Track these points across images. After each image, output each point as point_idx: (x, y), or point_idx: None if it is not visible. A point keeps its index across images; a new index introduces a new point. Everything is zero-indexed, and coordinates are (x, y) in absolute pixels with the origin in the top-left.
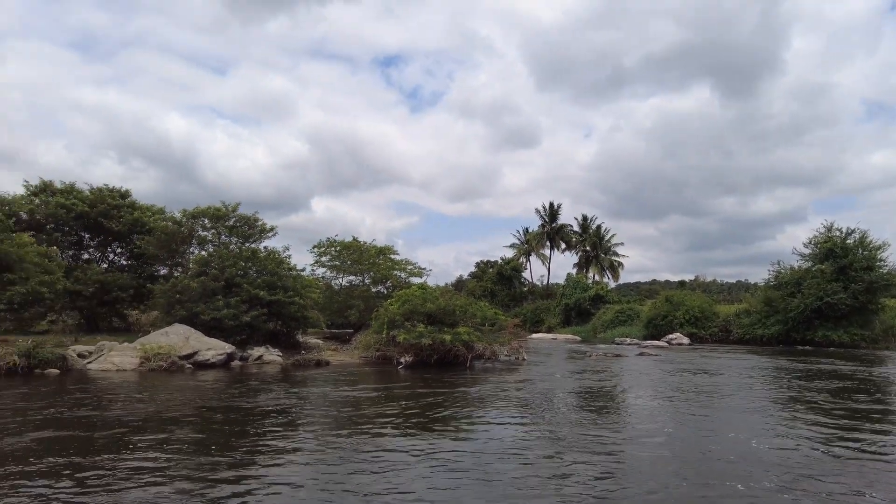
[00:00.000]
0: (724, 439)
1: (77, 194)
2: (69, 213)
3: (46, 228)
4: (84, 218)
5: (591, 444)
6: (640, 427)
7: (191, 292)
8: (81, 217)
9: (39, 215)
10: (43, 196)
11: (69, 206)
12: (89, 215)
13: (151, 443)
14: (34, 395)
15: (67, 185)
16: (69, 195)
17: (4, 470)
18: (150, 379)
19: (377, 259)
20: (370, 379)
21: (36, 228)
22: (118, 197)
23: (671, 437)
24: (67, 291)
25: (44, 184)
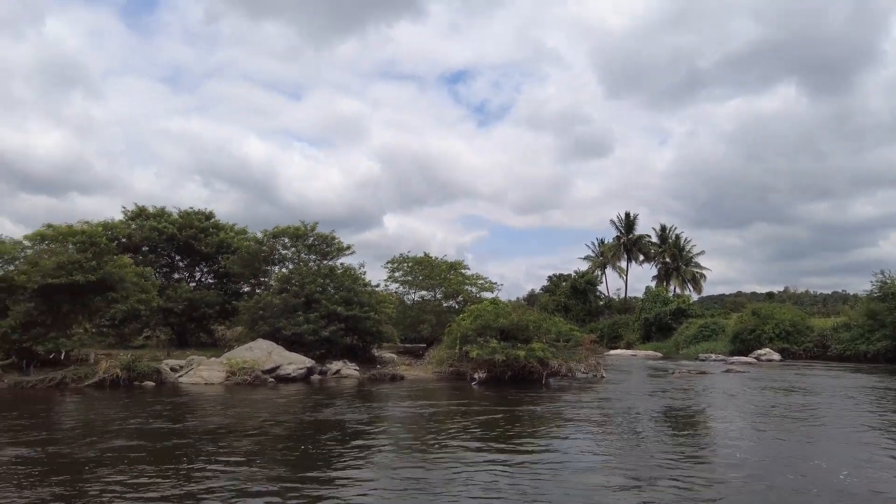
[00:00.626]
0: (809, 468)
1: (167, 217)
2: (161, 236)
3: (142, 250)
4: (174, 240)
5: (670, 468)
6: (722, 451)
7: (273, 308)
8: (172, 239)
9: (136, 238)
10: (139, 221)
11: (161, 229)
12: (179, 238)
13: (234, 454)
14: (133, 405)
15: (159, 210)
16: (161, 219)
17: (98, 473)
18: (235, 392)
19: (448, 274)
20: (444, 395)
21: (133, 250)
22: (204, 219)
23: (750, 462)
24: (161, 309)
25: (139, 209)
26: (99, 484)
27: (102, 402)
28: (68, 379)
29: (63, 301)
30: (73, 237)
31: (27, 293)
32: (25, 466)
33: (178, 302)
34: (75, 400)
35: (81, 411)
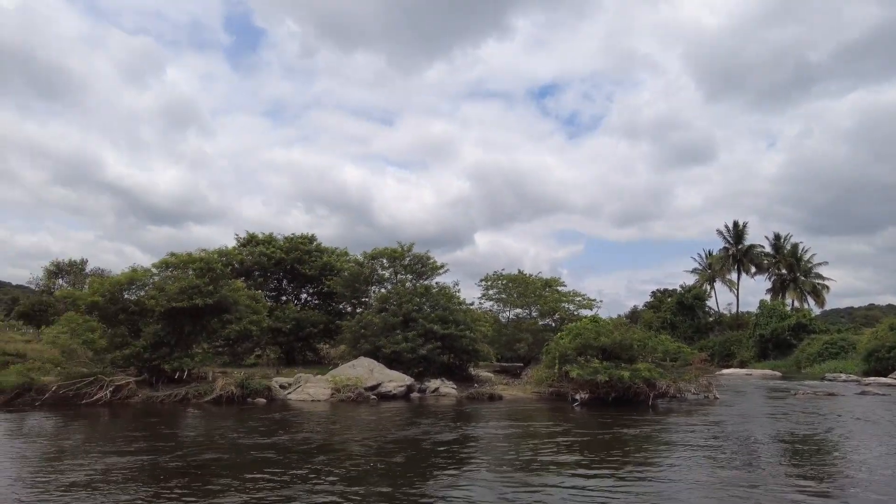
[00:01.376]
0: None
1: (275, 243)
2: (270, 261)
3: (253, 274)
4: (282, 264)
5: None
6: (856, 487)
7: (373, 327)
8: (279, 263)
9: (247, 263)
10: (249, 247)
11: (269, 254)
12: (286, 261)
13: (339, 468)
14: (246, 421)
15: (267, 236)
16: (269, 245)
17: (211, 481)
18: (340, 409)
19: (543, 291)
20: (544, 416)
21: (245, 275)
22: (307, 243)
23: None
24: (270, 329)
25: (249, 236)
26: (211, 490)
27: (219, 417)
28: (190, 395)
29: (185, 323)
30: (193, 264)
31: (155, 316)
32: (150, 471)
33: (286, 322)
34: (196, 414)
35: (201, 425)
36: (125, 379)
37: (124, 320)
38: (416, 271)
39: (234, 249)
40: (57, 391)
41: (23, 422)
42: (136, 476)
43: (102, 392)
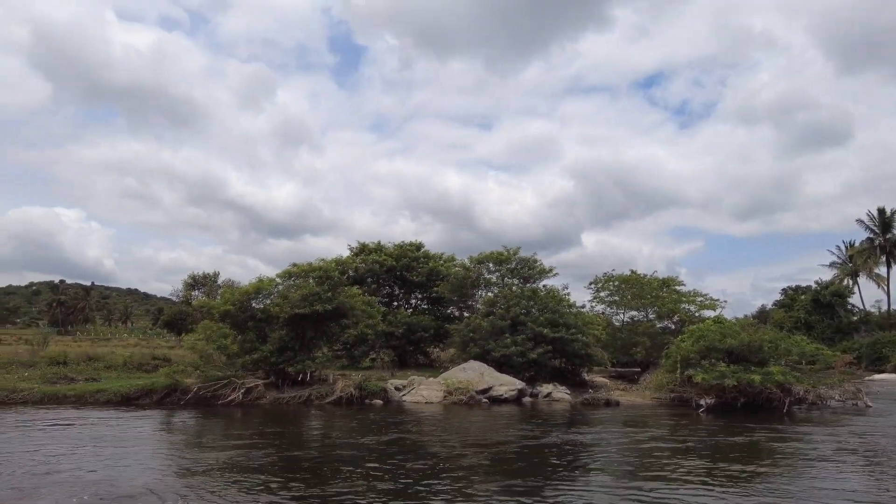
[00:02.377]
0: None
1: (385, 251)
2: (381, 268)
3: (366, 281)
4: (392, 271)
5: None
6: None
7: (482, 331)
8: (390, 270)
9: (361, 271)
10: (362, 255)
11: (380, 261)
12: (395, 269)
13: (455, 470)
14: (365, 421)
15: (377, 245)
16: (379, 253)
17: (329, 477)
18: (453, 411)
19: (660, 292)
20: (666, 422)
21: (359, 282)
22: (415, 250)
23: None
24: (384, 333)
25: (361, 245)
26: (335, 484)
27: (341, 417)
28: (313, 396)
29: (307, 328)
30: (313, 273)
31: (280, 322)
32: (280, 464)
33: (398, 327)
34: (319, 414)
35: (324, 424)
36: (255, 381)
37: (253, 327)
38: (522, 275)
39: (349, 258)
40: (197, 392)
41: (171, 418)
42: (267, 468)
43: (235, 393)
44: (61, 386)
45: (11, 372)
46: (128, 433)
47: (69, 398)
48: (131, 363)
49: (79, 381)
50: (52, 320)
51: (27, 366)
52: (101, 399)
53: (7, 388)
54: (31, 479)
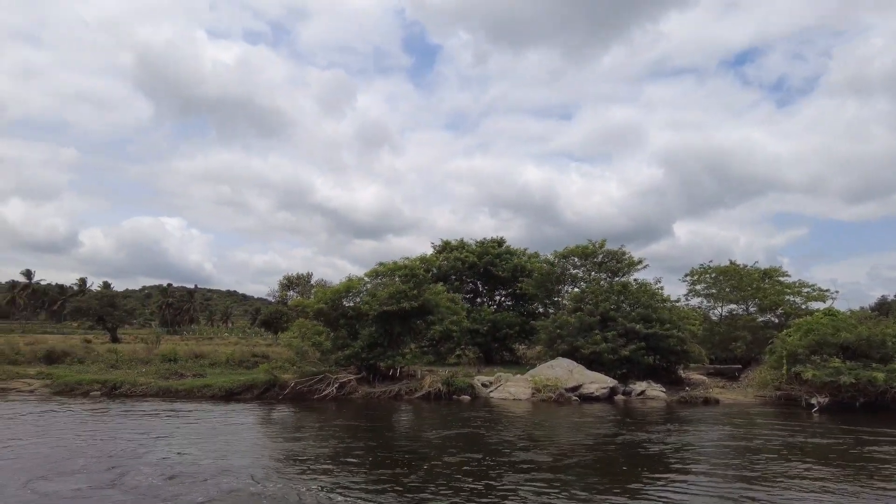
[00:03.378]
0: None
1: (467, 248)
2: (464, 265)
3: (450, 278)
4: (475, 268)
5: None
6: None
7: (569, 327)
8: (473, 267)
9: (444, 268)
10: (445, 253)
11: (463, 259)
12: (478, 265)
13: (551, 466)
14: (455, 416)
15: (459, 242)
16: (462, 250)
17: (423, 469)
18: (542, 408)
19: (761, 283)
20: (772, 423)
21: (443, 279)
22: (497, 246)
23: None
24: (468, 330)
25: (444, 243)
26: (425, 480)
27: (430, 411)
28: (402, 391)
29: (395, 325)
30: (399, 271)
31: (369, 319)
32: (369, 457)
33: (483, 323)
34: (408, 409)
35: (415, 417)
36: (347, 376)
37: (344, 324)
38: (610, 269)
39: (432, 256)
40: (294, 387)
41: (271, 411)
42: (363, 459)
43: (329, 388)
44: (173, 381)
45: (132, 368)
46: (233, 425)
47: (180, 392)
48: (233, 360)
49: (188, 377)
50: (163, 321)
51: (144, 362)
52: (207, 393)
53: (129, 382)
54: (164, 465)
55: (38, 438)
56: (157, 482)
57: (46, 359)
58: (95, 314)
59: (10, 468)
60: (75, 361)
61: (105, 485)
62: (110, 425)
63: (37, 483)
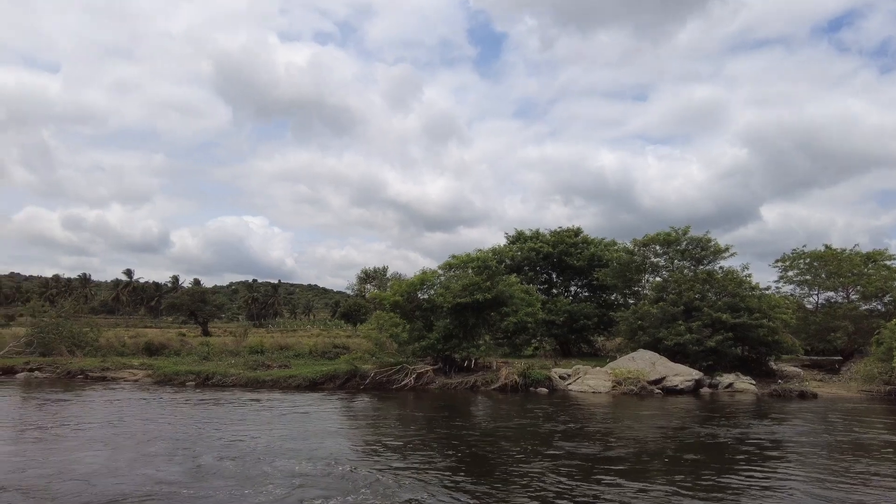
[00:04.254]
0: None
1: (541, 238)
2: (538, 255)
3: (524, 269)
4: (549, 258)
5: None
6: None
7: (651, 318)
8: (548, 257)
9: (518, 259)
10: (518, 244)
11: (537, 249)
12: (553, 255)
13: (629, 463)
14: (534, 408)
15: (533, 232)
16: (536, 240)
17: (508, 459)
18: (623, 402)
19: (864, 268)
20: (881, 419)
21: (517, 270)
22: (573, 235)
23: None
24: (544, 321)
25: (517, 234)
26: (494, 469)
27: (507, 403)
28: (479, 383)
29: (469, 316)
30: (471, 263)
31: (444, 311)
32: (446, 446)
33: (559, 315)
34: (485, 400)
35: (493, 408)
36: (424, 367)
37: (419, 316)
38: (694, 256)
39: (505, 247)
40: (374, 377)
41: (353, 401)
42: (440, 446)
43: (407, 378)
44: (260, 372)
45: (222, 359)
46: (317, 413)
47: (267, 382)
48: (316, 351)
49: (274, 368)
50: (249, 314)
51: (233, 354)
52: (292, 383)
53: (220, 373)
54: (252, 449)
55: (142, 419)
56: (245, 464)
57: (147, 350)
58: (188, 309)
59: (120, 441)
60: (172, 353)
61: (196, 465)
62: (202, 412)
63: (146, 448)
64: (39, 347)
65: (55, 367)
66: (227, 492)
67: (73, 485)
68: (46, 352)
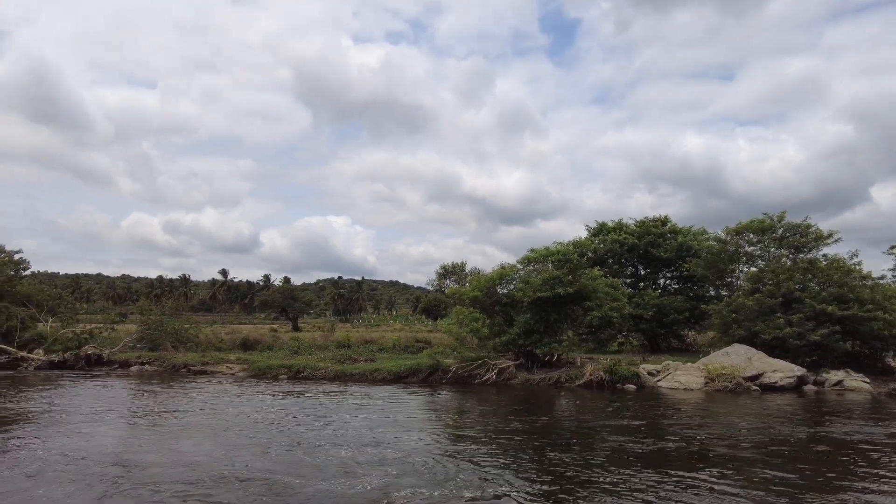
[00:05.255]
0: None
1: (626, 229)
2: (622, 247)
3: (608, 262)
4: (635, 249)
5: None
6: None
7: (746, 311)
8: (633, 249)
9: (601, 252)
10: (601, 235)
11: (622, 240)
12: (638, 247)
13: (730, 465)
14: (623, 406)
15: (617, 223)
16: (620, 231)
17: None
18: (717, 399)
19: None
20: None
21: (600, 263)
22: (660, 225)
23: None
24: (631, 316)
25: (599, 225)
26: (582, 466)
27: (593, 400)
28: (562, 379)
29: (550, 311)
30: (551, 257)
31: (524, 306)
32: (530, 441)
33: (647, 309)
34: (569, 397)
35: (577, 406)
36: (506, 363)
37: (499, 311)
38: (792, 244)
39: (587, 239)
40: (456, 372)
41: (436, 394)
42: (524, 441)
43: (489, 373)
44: (348, 365)
45: (312, 354)
46: (405, 406)
47: (354, 375)
48: (399, 346)
49: (360, 362)
50: (335, 310)
51: (321, 348)
52: (378, 377)
53: (310, 367)
54: (354, 439)
55: (240, 410)
56: (339, 453)
57: (242, 346)
58: (279, 306)
59: (221, 429)
60: (265, 348)
61: (292, 454)
62: (295, 404)
63: (245, 437)
64: (148, 343)
65: (162, 362)
66: (325, 481)
67: (181, 469)
68: (154, 347)
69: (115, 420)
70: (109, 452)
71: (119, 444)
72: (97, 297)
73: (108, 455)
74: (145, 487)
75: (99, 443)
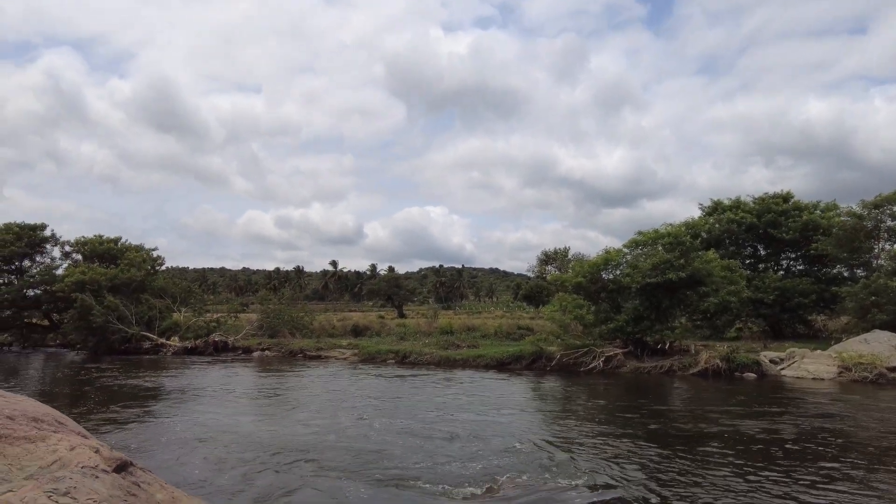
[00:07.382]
0: None
1: (743, 207)
2: (740, 227)
3: (724, 243)
4: (754, 229)
5: None
6: None
7: (889, 293)
8: (751, 229)
9: (715, 232)
10: (716, 215)
11: (739, 220)
12: (758, 226)
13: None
14: (742, 397)
15: (734, 201)
16: (737, 210)
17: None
18: (854, 390)
19: None
20: None
21: (715, 245)
22: (781, 201)
23: None
24: (750, 300)
25: (714, 204)
26: (704, 462)
27: (710, 389)
28: (675, 367)
29: (661, 297)
30: (661, 239)
31: (632, 292)
32: (641, 432)
33: (768, 292)
34: (682, 385)
35: (695, 396)
36: (614, 350)
37: (605, 297)
38: None
39: (700, 220)
40: (560, 359)
41: (541, 381)
42: (635, 432)
43: (596, 361)
44: (451, 351)
45: (417, 339)
46: (509, 392)
47: (457, 361)
48: (501, 332)
49: (463, 348)
50: (437, 297)
51: (426, 335)
52: (481, 363)
53: (416, 352)
54: (461, 422)
55: (354, 392)
56: (447, 436)
57: (353, 332)
58: (385, 294)
59: (337, 409)
60: (373, 334)
61: (403, 435)
62: (403, 387)
63: (360, 417)
64: (268, 330)
65: (280, 347)
66: (431, 459)
67: (303, 439)
68: (273, 334)
69: (245, 400)
70: (241, 432)
71: (250, 423)
72: (221, 290)
73: (241, 434)
74: (281, 461)
75: (235, 421)
